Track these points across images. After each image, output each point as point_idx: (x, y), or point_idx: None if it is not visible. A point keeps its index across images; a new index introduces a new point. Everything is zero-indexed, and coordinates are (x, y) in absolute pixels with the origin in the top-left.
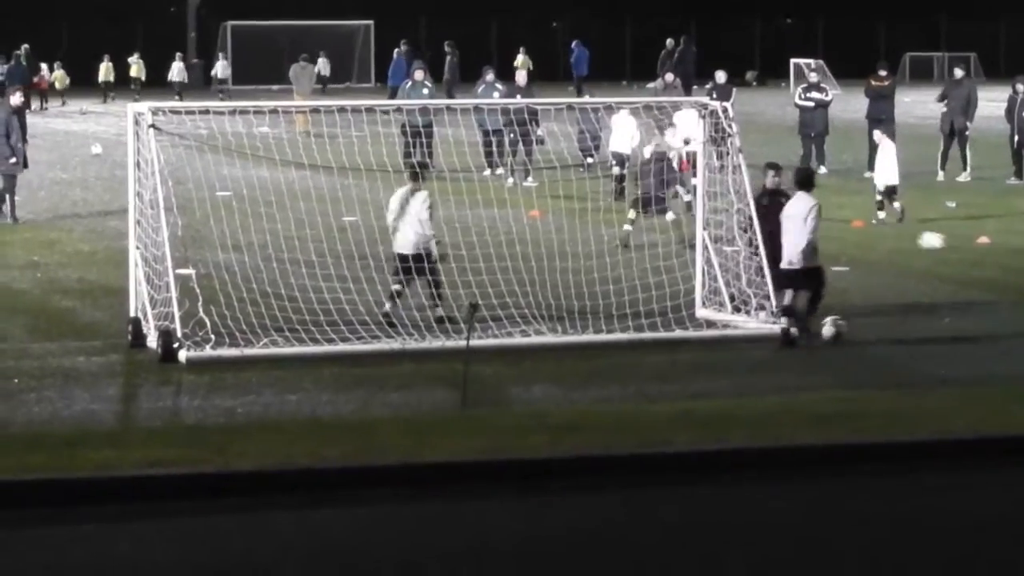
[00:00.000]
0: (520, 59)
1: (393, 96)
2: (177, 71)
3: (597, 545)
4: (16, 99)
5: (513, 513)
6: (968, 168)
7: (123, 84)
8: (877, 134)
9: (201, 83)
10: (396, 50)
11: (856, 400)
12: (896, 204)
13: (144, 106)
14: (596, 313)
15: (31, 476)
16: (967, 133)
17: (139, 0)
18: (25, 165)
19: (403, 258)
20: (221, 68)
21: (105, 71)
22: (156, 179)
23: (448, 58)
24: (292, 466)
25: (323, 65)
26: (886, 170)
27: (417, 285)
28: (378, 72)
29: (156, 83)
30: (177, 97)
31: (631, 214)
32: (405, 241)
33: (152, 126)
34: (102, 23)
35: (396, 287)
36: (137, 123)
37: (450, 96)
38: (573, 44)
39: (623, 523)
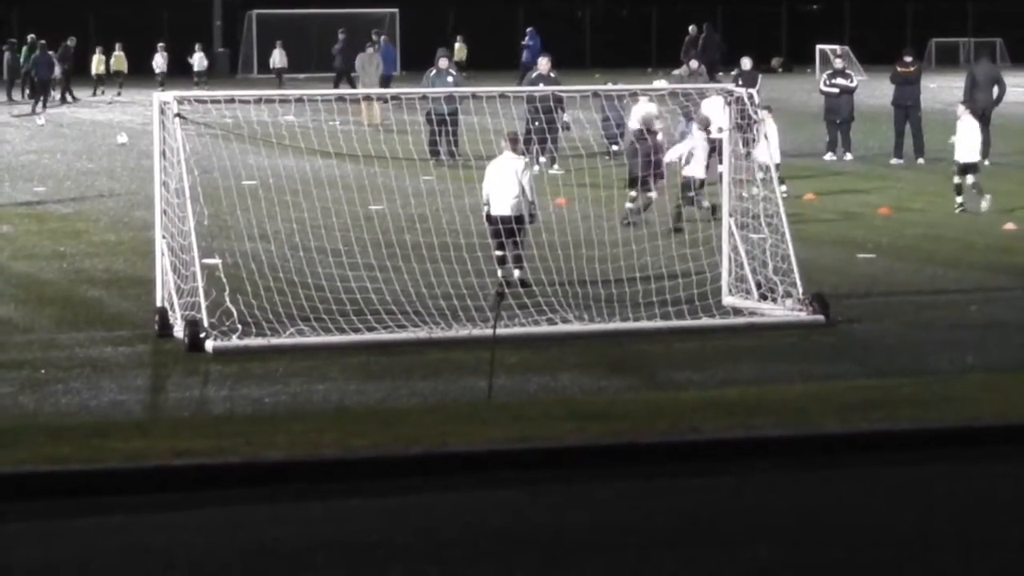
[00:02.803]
0: (457, 47)
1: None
2: (198, 60)
3: (624, 533)
4: None
5: (540, 501)
6: (988, 153)
7: (137, 74)
8: (960, 109)
9: (227, 71)
10: (382, 38)
11: (883, 387)
12: (972, 182)
13: (170, 95)
14: (623, 301)
15: (58, 467)
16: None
17: None
18: None
19: (504, 219)
20: (278, 57)
21: (98, 63)
22: (182, 168)
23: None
24: (319, 456)
25: (279, 57)
26: (965, 147)
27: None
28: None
29: (177, 72)
30: (196, 86)
31: (631, 192)
32: (503, 204)
33: (178, 115)
34: (125, 12)
35: (498, 252)
36: (163, 112)
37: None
38: (527, 33)
39: (650, 511)
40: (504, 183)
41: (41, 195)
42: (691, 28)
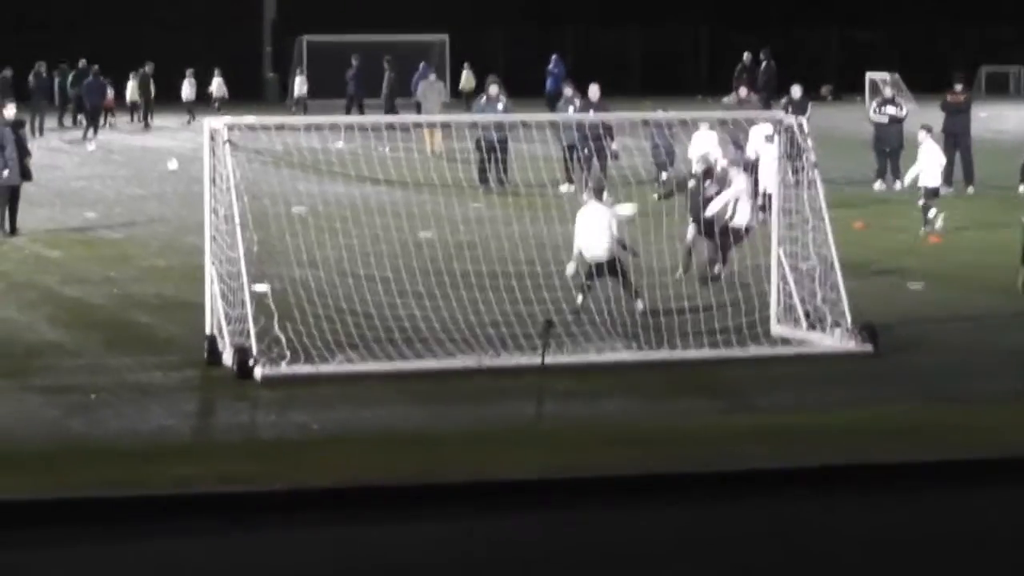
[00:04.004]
0: (464, 76)
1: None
2: (217, 86)
3: (673, 561)
4: (10, 112)
5: (588, 529)
6: None
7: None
8: (922, 134)
9: (278, 98)
10: (422, 64)
11: (931, 414)
12: (932, 212)
13: (220, 121)
14: (671, 330)
15: (107, 491)
16: None
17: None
18: (27, 178)
19: (598, 266)
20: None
21: (132, 90)
22: (232, 194)
23: (386, 74)
24: (367, 482)
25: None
26: (928, 172)
27: (609, 286)
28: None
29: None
30: (217, 112)
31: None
32: (598, 250)
33: (228, 141)
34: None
35: (588, 282)
36: (213, 139)
37: (390, 111)
38: (552, 60)
39: (699, 539)
40: (594, 231)
41: (91, 220)
42: (745, 55)
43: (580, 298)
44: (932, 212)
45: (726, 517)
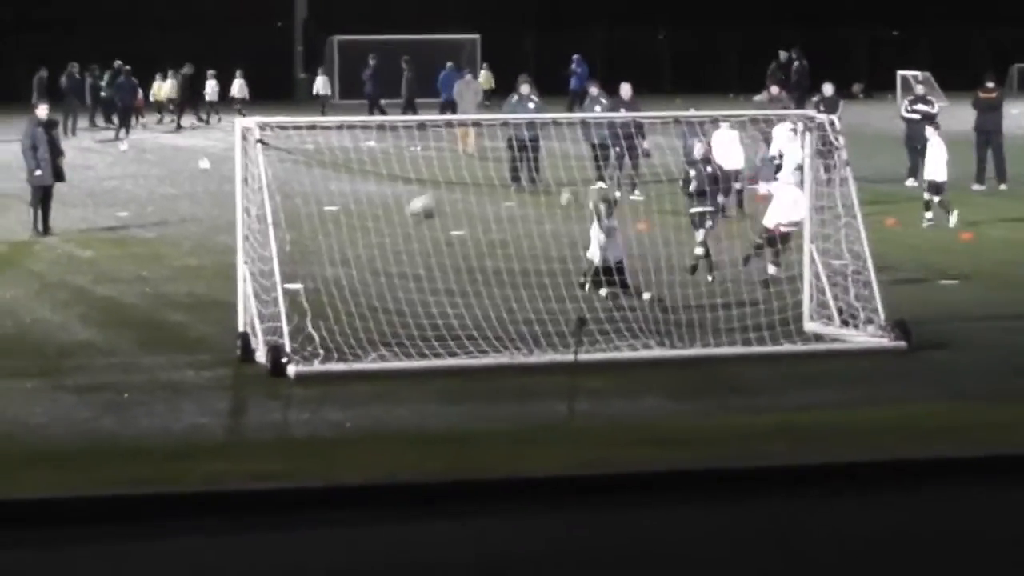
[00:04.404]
0: (483, 75)
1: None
2: (238, 87)
3: (704, 558)
4: (43, 112)
5: (620, 526)
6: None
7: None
8: (929, 130)
9: (309, 97)
10: (449, 64)
11: (962, 412)
12: (940, 199)
13: (251, 121)
14: (704, 326)
15: (140, 489)
16: None
17: (243, 14)
18: (60, 178)
19: (608, 270)
20: (321, 84)
21: (158, 88)
22: (264, 194)
23: (404, 74)
24: (399, 479)
25: (322, 84)
26: (934, 167)
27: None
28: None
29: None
30: (240, 114)
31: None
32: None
33: (260, 141)
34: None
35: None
36: (245, 138)
37: (409, 111)
38: (574, 60)
39: (733, 536)
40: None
41: (124, 220)
42: (781, 54)
43: (604, 292)
44: (941, 205)
45: (757, 514)
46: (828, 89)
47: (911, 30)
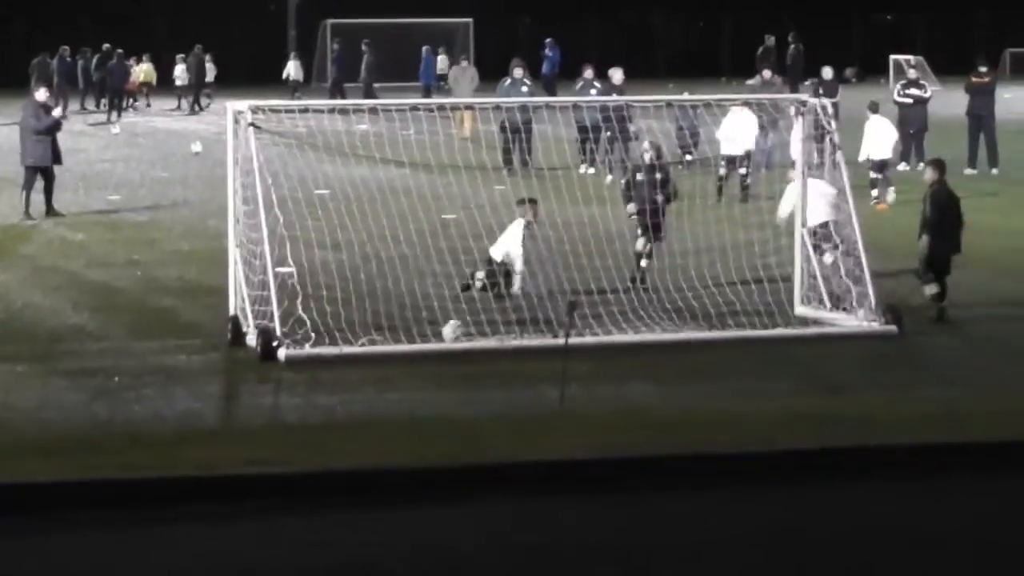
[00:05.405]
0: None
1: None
2: (212, 71)
3: (697, 544)
4: (42, 95)
5: (612, 511)
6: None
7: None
8: (869, 113)
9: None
10: (424, 47)
11: (956, 400)
12: (879, 187)
13: (244, 104)
14: (694, 311)
15: (131, 475)
16: None
17: None
18: (58, 161)
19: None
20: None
21: (138, 72)
22: (255, 177)
23: (364, 57)
24: (391, 465)
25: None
26: (878, 146)
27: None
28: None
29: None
30: (207, 97)
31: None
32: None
33: (252, 124)
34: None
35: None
36: (237, 122)
37: (369, 96)
38: (546, 44)
39: (724, 522)
40: (507, 239)
41: (116, 203)
42: (769, 39)
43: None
44: (879, 188)
45: (750, 500)
46: (827, 72)
47: (903, 14)
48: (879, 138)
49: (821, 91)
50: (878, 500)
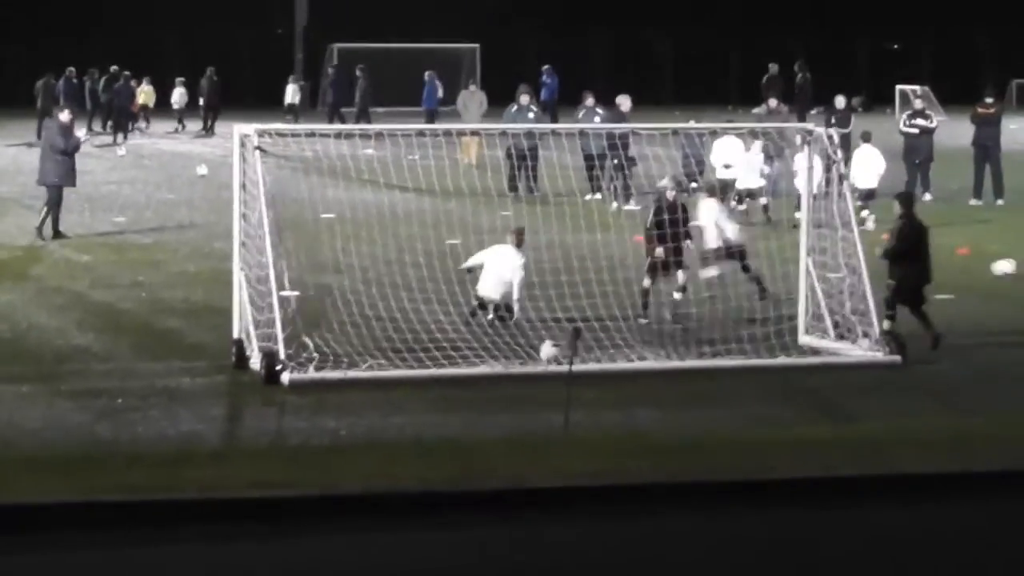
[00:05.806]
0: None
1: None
2: (177, 96)
3: (701, 569)
4: (65, 117)
5: (616, 537)
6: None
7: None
8: (865, 146)
9: (308, 105)
10: (427, 73)
11: (961, 426)
12: (865, 212)
13: (250, 127)
14: (699, 339)
15: (134, 496)
16: None
17: (246, 21)
18: (72, 183)
19: (489, 300)
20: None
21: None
22: (261, 200)
23: (359, 82)
24: (395, 488)
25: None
26: (865, 176)
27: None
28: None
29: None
30: (180, 126)
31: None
32: (492, 288)
33: (258, 148)
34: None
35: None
36: (243, 144)
37: (363, 120)
38: (544, 71)
39: (727, 548)
40: (499, 270)
41: (121, 225)
42: (772, 67)
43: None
44: (865, 213)
45: (759, 525)
46: (840, 101)
47: (910, 43)
48: (867, 167)
49: (833, 120)
50: (882, 526)
